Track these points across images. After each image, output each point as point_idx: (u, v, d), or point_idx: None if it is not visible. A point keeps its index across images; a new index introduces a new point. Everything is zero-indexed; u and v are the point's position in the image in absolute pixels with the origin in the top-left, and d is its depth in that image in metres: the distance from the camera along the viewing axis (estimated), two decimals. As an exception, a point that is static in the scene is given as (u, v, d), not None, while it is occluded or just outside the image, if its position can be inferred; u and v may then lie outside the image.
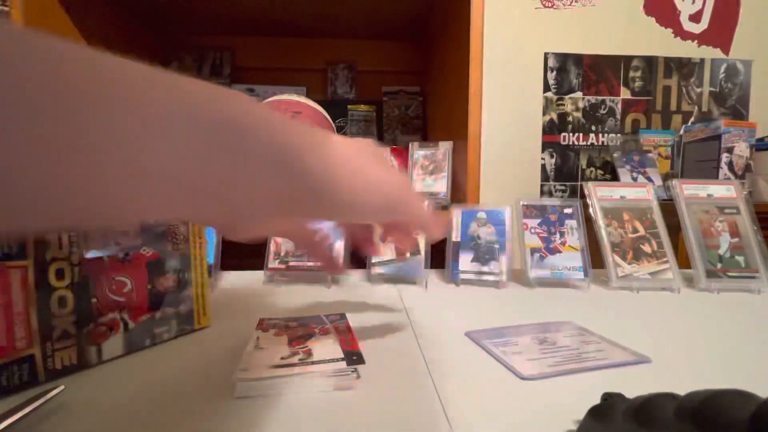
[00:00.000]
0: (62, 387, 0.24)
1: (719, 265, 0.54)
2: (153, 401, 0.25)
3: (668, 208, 0.59)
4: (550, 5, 1.46)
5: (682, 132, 1.38)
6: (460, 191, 0.82)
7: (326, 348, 0.28)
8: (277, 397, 0.24)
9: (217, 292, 0.51)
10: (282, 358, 0.27)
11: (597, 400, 0.20)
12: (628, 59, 1.50)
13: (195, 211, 0.19)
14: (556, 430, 0.22)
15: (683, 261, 0.60)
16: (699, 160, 1.30)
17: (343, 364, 0.26)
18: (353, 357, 0.27)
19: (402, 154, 0.93)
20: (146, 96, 0.15)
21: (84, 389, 0.26)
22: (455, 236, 0.57)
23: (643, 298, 0.49)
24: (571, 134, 1.50)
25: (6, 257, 0.25)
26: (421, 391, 0.26)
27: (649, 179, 1.27)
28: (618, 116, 1.51)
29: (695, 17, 1.51)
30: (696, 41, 1.51)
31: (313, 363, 0.26)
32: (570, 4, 1.47)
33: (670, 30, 1.50)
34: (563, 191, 1.51)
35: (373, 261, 0.56)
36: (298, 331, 0.31)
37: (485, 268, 0.54)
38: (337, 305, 0.45)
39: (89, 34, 0.94)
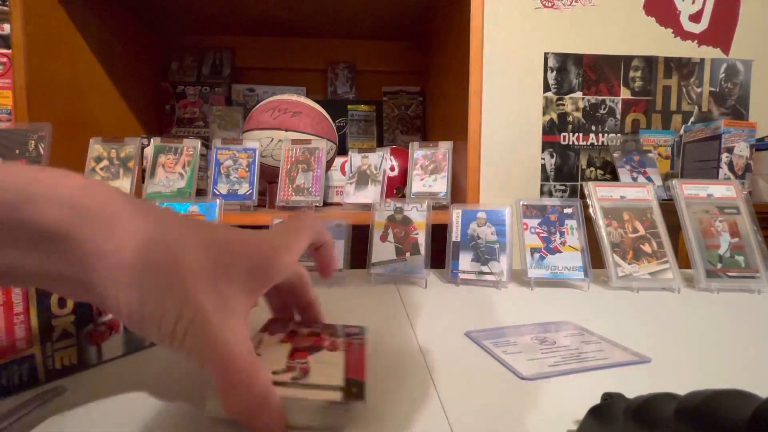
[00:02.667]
0: (62, 387, 0.24)
1: (719, 265, 0.54)
2: (152, 401, 0.25)
3: (668, 208, 0.59)
4: (550, 5, 1.46)
5: (682, 132, 1.38)
6: (460, 191, 0.82)
7: (327, 370, 0.24)
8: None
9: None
10: (273, 373, 0.23)
11: (597, 400, 0.20)
12: (628, 59, 1.50)
13: None
14: (556, 430, 0.22)
15: (683, 261, 0.60)
16: (699, 160, 1.30)
17: (337, 396, 0.21)
18: (353, 389, 0.22)
19: (402, 154, 0.93)
20: None
21: (84, 389, 0.26)
22: (455, 236, 0.57)
23: (643, 298, 0.49)
24: (571, 134, 1.50)
25: (6, 257, 0.25)
26: (421, 391, 0.26)
27: (649, 179, 1.27)
28: (618, 116, 1.51)
29: (695, 17, 1.51)
30: (696, 41, 1.51)
31: (305, 387, 0.22)
32: (570, 4, 1.47)
33: (670, 30, 1.50)
34: (563, 191, 1.51)
35: (373, 261, 0.56)
36: (306, 341, 0.27)
37: (485, 268, 0.54)
38: (337, 305, 0.45)
39: (89, 34, 0.94)
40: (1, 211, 0.16)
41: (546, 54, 1.48)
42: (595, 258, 0.55)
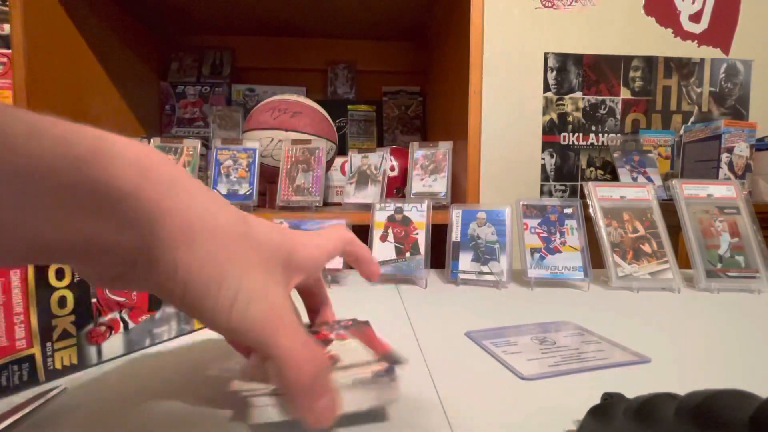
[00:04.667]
0: (62, 387, 0.24)
1: (719, 265, 0.54)
2: (152, 401, 0.25)
3: (668, 208, 0.59)
4: (550, 5, 1.46)
5: (682, 132, 1.38)
6: (460, 191, 0.82)
7: (352, 354, 0.23)
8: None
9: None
10: None
11: (597, 400, 0.20)
12: (628, 59, 1.50)
13: None
14: (556, 430, 0.22)
15: (683, 261, 0.60)
16: (699, 160, 1.30)
17: (382, 366, 0.21)
18: (389, 357, 0.22)
19: (402, 154, 0.93)
20: None
21: (84, 389, 0.26)
22: (455, 236, 0.57)
23: (643, 298, 0.49)
24: (571, 134, 1.50)
25: (6, 257, 0.25)
26: (421, 391, 0.26)
27: (649, 179, 1.27)
28: (618, 116, 1.51)
29: (695, 17, 1.51)
30: (696, 41, 1.51)
31: (344, 368, 0.21)
32: (570, 4, 1.47)
33: (670, 30, 1.50)
34: (563, 191, 1.51)
35: (373, 261, 0.56)
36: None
37: (485, 268, 0.54)
38: (337, 305, 0.45)
39: (89, 34, 0.94)
40: (68, 169, 0.15)
41: (546, 54, 1.48)
42: (595, 258, 0.55)
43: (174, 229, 0.17)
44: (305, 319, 0.32)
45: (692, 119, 1.53)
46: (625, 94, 1.50)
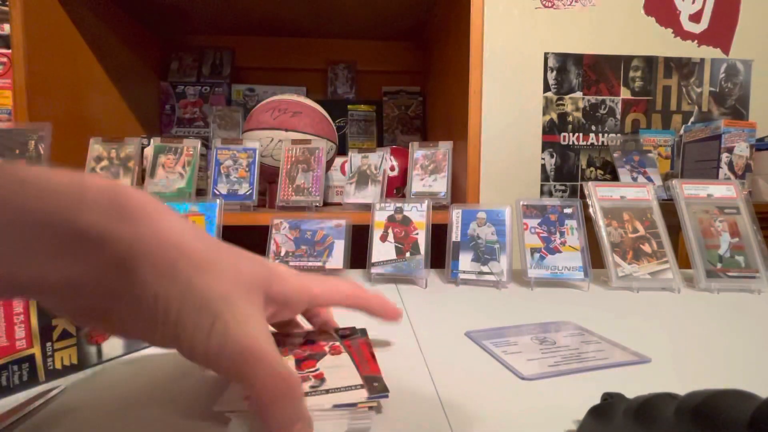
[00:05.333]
0: (62, 387, 0.24)
1: (719, 265, 0.54)
2: (152, 401, 0.25)
3: (668, 208, 0.59)
4: (550, 5, 1.46)
5: (682, 132, 1.38)
6: (460, 191, 0.82)
7: (341, 373, 0.24)
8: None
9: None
10: None
11: (597, 400, 0.20)
12: (628, 59, 1.50)
13: None
14: (556, 430, 0.22)
15: (683, 261, 0.60)
16: (699, 160, 1.30)
17: (362, 393, 0.21)
18: (374, 383, 0.22)
19: (402, 154, 0.93)
20: None
21: (84, 389, 0.26)
22: (455, 236, 0.57)
23: (643, 298, 0.49)
24: (571, 134, 1.50)
25: (6, 257, 0.25)
26: (421, 391, 0.26)
27: (649, 179, 1.27)
28: (618, 116, 1.51)
29: (695, 17, 1.51)
30: (696, 41, 1.51)
31: (327, 392, 0.21)
32: (570, 4, 1.47)
33: (670, 30, 1.50)
34: (563, 191, 1.51)
35: (373, 261, 0.56)
36: (306, 349, 0.27)
37: (485, 268, 0.54)
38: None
39: (89, 34, 0.94)
40: (50, 216, 0.16)
41: (546, 54, 1.48)
42: (595, 258, 0.55)
43: (154, 263, 0.17)
44: (307, 326, 0.32)
45: (692, 119, 1.53)
46: (625, 94, 1.51)
